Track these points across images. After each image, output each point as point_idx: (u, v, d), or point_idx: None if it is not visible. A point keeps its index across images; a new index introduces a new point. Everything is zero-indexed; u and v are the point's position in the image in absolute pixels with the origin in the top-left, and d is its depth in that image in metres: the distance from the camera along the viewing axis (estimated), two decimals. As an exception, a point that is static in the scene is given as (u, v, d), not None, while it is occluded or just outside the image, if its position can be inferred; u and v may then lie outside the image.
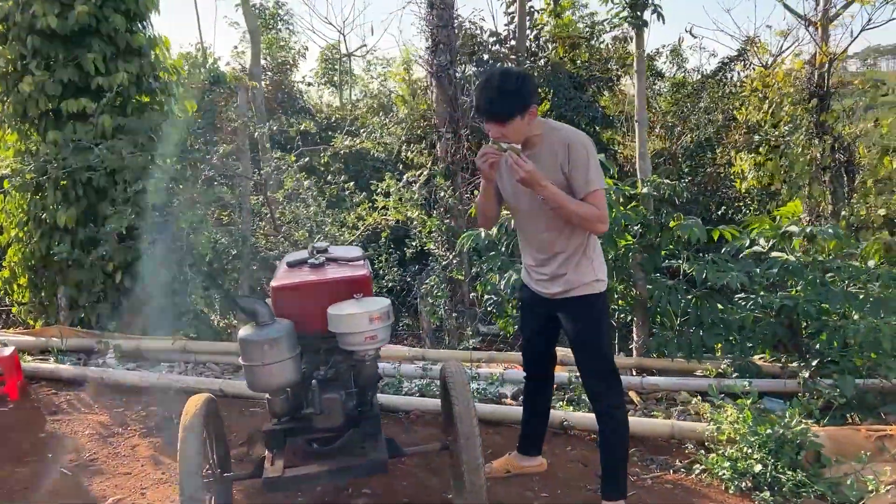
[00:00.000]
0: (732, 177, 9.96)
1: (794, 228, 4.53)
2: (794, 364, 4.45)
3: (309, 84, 15.65)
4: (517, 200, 3.07)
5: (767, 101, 8.74)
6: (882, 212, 7.93)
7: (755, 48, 12.87)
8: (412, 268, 6.39)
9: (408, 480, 3.58)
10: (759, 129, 10.20)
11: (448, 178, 6.00)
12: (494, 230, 5.05)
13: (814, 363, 4.42)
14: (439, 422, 4.41)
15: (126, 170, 5.90)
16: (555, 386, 3.92)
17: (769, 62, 12.64)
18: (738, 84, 11.89)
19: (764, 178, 8.63)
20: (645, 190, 5.06)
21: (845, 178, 7.95)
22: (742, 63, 12.08)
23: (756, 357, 4.85)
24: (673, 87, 14.09)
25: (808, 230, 4.48)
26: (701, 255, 5.10)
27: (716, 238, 4.98)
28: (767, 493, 3.29)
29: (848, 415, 4.08)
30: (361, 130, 7.05)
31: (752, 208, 9.79)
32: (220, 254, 6.44)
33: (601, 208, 2.83)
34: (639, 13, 4.76)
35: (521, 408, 4.35)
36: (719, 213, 10.30)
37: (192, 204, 5.67)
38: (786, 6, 10.39)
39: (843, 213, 7.73)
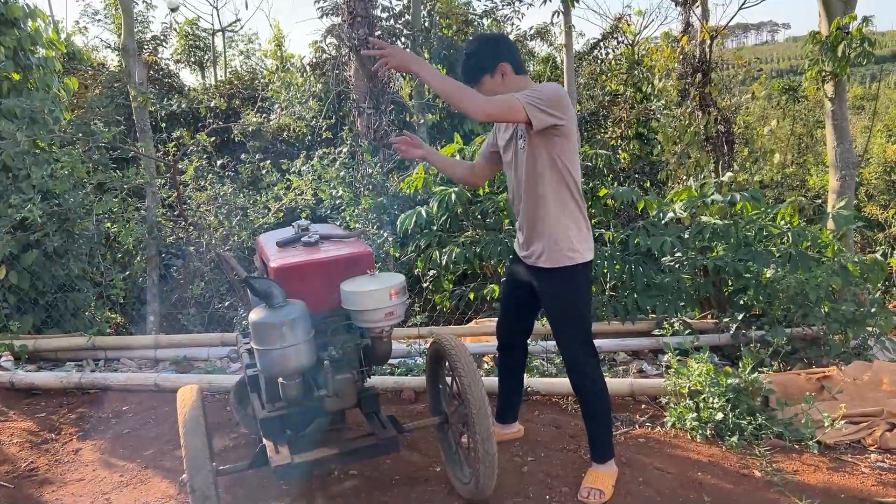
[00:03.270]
0: (620, 150, 10.44)
1: (717, 197, 4.84)
2: (727, 320, 4.78)
3: (177, 61, 14.81)
4: (508, 169, 3.12)
5: (657, 76, 9.21)
6: (757, 178, 8.64)
7: (625, 25, 13.52)
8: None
9: (390, 458, 3.53)
10: (639, 102, 10.77)
11: (374, 154, 5.90)
12: (435, 207, 5.04)
13: (739, 317, 4.78)
14: (400, 399, 4.40)
15: (17, 155, 5.32)
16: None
17: (635, 40, 13.34)
18: (613, 61, 12.46)
19: (651, 149, 9.12)
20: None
21: (725, 148, 8.55)
22: (615, 41, 12.63)
23: (685, 316, 5.16)
24: (543, 63, 14.64)
25: (729, 197, 4.80)
26: (629, 222, 5.35)
27: (640, 208, 5.24)
28: (735, 439, 3.53)
29: (775, 361, 4.44)
30: (276, 106, 6.75)
31: (636, 178, 10.32)
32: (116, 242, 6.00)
33: (487, 98, 2.66)
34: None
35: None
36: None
37: (95, 190, 5.20)
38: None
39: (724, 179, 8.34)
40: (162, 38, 12.83)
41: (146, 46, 11.93)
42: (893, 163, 13.15)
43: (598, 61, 12.59)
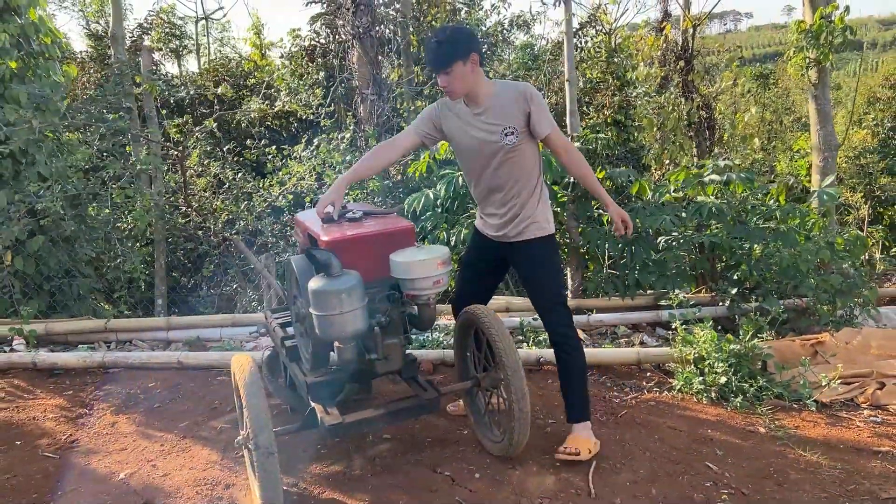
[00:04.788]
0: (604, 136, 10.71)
1: (715, 177, 5.11)
2: (724, 293, 5.06)
3: (159, 49, 14.73)
4: (471, 160, 3.27)
5: (641, 64, 9.48)
6: (738, 161, 8.97)
7: (601, 14, 13.78)
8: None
9: (419, 424, 3.75)
10: (619, 90, 11.04)
11: (378, 138, 6.06)
12: (442, 190, 5.24)
13: (734, 291, 5.07)
14: (419, 371, 4.60)
15: (31, 142, 5.39)
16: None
17: (611, 29, 13.61)
18: (592, 49, 12.72)
19: (629, 136, 9.41)
20: (577, 144, 5.46)
21: (707, 133, 8.89)
22: (594, 29, 12.88)
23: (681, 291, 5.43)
24: (521, 51, 14.85)
25: (725, 177, 5.07)
26: (628, 202, 5.60)
27: (634, 191, 5.50)
28: (739, 399, 3.81)
29: (768, 331, 4.72)
30: (280, 92, 6.86)
31: (616, 163, 10.60)
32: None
33: (567, 142, 3.27)
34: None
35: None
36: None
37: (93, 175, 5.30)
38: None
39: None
40: (148, 25, 12.78)
41: (131, 34, 11.91)
42: (861, 148, 13.62)
43: (578, 49, 12.83)
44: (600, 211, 5.59)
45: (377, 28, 6.30)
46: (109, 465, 3.52)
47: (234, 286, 6.11)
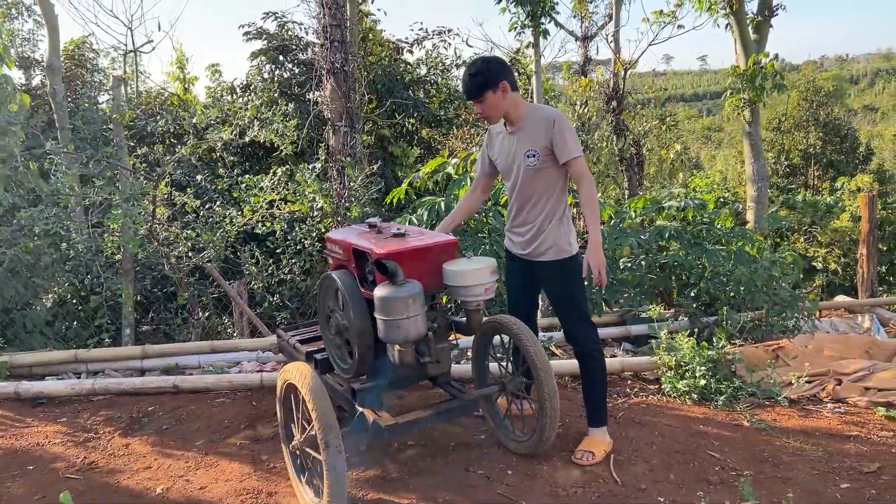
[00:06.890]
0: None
1: (673, 202, 5.64)
2: (687, 308, 5.56)
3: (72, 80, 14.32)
4: (505, 178, 3.66)
5: (578, 104, 10.12)
6: (664, 192, 9.67)
7: (521, 58, 14.55)
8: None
9: (437, 431, 3.97)
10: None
11: (353, 168, 6.27)
12: (425, 215, 5.52)
13: (694, 306, 5.57)
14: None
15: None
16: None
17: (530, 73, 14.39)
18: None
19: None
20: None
21: (637, 168, 9.59)
22: (517, 72, 13.57)
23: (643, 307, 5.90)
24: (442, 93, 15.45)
25: (682, 203, 5.61)
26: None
27: (605, 217, 5.97)
28: (721, 399, 4.24)
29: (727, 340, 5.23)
30: (255, 122, 6.92)
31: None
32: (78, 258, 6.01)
33: (585, 174, 3.36)
34: (539, 21, 5.57)
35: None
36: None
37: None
38: (559, 24, 12.06)
39: (638, 195, 9.36)
40: (82, 59, 12.51)
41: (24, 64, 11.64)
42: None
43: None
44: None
45: (350, 65, 6.58)
46: (140, 481, 3.55)
47: (207, 314, 6.13)
